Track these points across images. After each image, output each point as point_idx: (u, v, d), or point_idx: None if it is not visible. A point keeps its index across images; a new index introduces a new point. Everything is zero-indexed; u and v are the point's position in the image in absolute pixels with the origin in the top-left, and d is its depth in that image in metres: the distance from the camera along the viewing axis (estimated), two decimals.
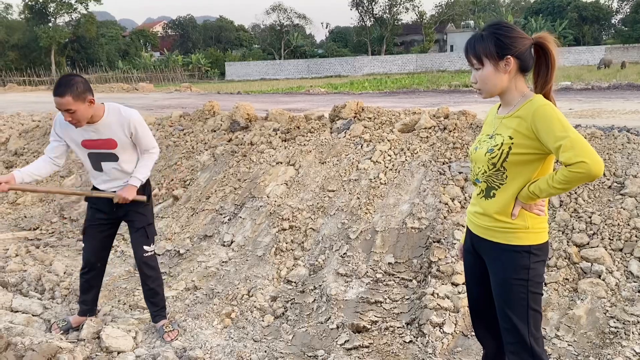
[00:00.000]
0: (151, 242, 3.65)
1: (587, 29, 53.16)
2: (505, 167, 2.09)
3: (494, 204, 2.15)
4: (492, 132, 2.17)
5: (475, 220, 2.27)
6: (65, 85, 3.11)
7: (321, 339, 3.57)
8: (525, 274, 2.10)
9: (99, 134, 3.36)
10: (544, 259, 2.16)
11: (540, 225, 2.13)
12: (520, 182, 2.10)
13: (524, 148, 2.04)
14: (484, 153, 2.15)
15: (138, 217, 3.60)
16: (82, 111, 3.17)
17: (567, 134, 1.91)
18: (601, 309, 3.39)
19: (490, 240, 2.19)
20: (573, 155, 1.89)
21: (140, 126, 3.42)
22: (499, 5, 67.37)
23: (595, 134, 4.59)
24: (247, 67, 48.94)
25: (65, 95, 3.09)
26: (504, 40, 2.04)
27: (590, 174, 1.89)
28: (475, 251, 2.33)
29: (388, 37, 54.99)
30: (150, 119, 8.36)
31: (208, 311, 4.05)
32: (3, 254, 5.43)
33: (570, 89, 13.74)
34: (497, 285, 2.19)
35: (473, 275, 2.40)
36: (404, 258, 4.20)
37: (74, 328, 3.72)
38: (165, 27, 70.34)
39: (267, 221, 5.07)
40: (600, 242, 3.79)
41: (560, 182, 1.96)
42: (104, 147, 3.40)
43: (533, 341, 2.15)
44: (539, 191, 2.03)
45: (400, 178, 4.96)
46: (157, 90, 21.75)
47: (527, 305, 2.12)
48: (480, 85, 2.13)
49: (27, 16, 49.84)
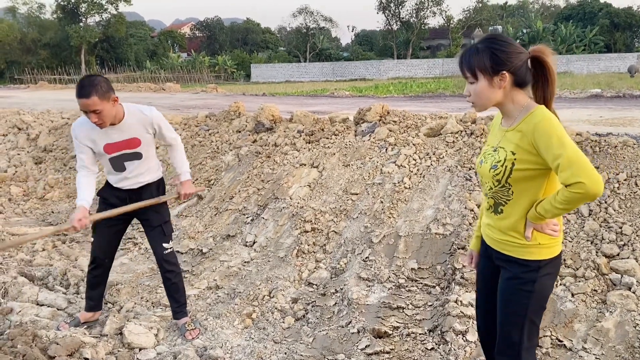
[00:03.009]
0: (169, 239, 3.67)
1: (619, 36, 52.04)
2: (510, 184, 2.07)
3: (503, 221, 2.15)
4: (496, 145, 2.15)
5: (488, 232, 2.27)
6: (90, 85, 3.12)
7: (342, 343, 3.54)
8: (531, 286, 2.11)
9: (122, 134, 3.37)
10: (553, 272, 2.16)
11: (553, 240, 2.11)
12: (527, 197, 2.07)
13: (527, 163, 2.01)
14: (488, 169, 2.13)
15: (154, 216, 3.61)
16: (108, 110, 3.19)
17: (564, 151, 1.87)
18: (631, 322, 3.30)
19: (502, 252, 2.20)
20: (570, 175, 1.86)
21: (162, 121, 3.52)
22: (528, 10, 66.46)
23: (627, 142, 4.47)
24: (273, 69, 49.15)
25: (91, 95, 3.09)
26: (499, 55, 2.00)
27: (589, 194, 1.85)
28: (489, 257, 2.33)
29: (414, 41, 54.68)
30: (177, 119, 8.44)
31: (229, 311, 4.05)
32: (30, 248, 5.53)
33: (600, 97, 13.46)
34: (502, 291, 2.22)
35: (485, 278, 2.41)
36: (427, 264, 4.14)
37: (83, 324, 3.75)
38: (192, 28, 71.06)
39: (289, 223, 5.06)
40: (631, 253, 3.69)
41: (562, 202, 1.93)
42: (128, 148, 3.41)
43: (524, 350, 2.18)
44: (544, 212, 2.00)
45: (425, 183, 4.90)
46: (184, 90, 21.99)
47: (525, 315, 2.14)
48: (474, 99, 2.10)
49: (59, 16, 50.91)
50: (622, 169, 4.17)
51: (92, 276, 3.74)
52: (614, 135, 5.00)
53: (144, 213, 3.61)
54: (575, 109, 9.62)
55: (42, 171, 8.35)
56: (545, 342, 3.29)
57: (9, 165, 8.60)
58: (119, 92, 15.46)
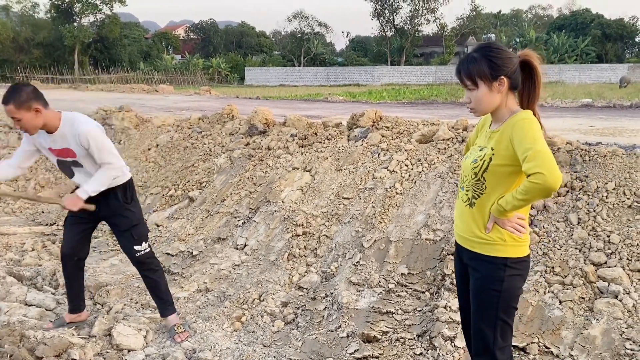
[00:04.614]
0: (142, 242, 3.62)
1: (611, 47, 52.54)
2: (485, 178, 2.17)
3: (473, 214, 2.24)
4: (483, 145, 2.25)
5: (457, 229, 2.36)
6: (10, 93, 3.16)
7: (331, 347, 3.55)
8: (499, 285, 2.18)
9: (57, 144, 3.37)
10: (521, 273, 2.23)
11: (519, 239, 2.18)
12: (499, 193, 2.17)
13: (502, 159, 2.12)
14: (469, 162, 2.23)
15: (121, 220, 3.57)
16: (28, 120, 3.19)
17: (534, 146, 1.97)
18: (617, 330, 3.33)
19: (470, 250, 2.28)
20: (533, 166, 1.95)
21: (94, 140, 3.29)
22: (521, 19, 66.99)
23: (616, 152, 4.52)
24: (267, 72, 49.18)
25: (8, 103, 3.15)
26: (496, 61, 2.11)
27: (546, 185, 1.93)
28: (461, 259, 2.40)
29: (408, 48, 54.89)
30: (169, 121, 8.43)
31: (219, 314, 4.05)
32: (20, 247, 5.50)
33: (591, 107, 13.59)
34: (472, 292, 2.29)
35: (461, 282, 2.48)
36: (417, 269, 4.16)
37: (69, 324, 3.73)
38: (187, 30, 71.01)
39: (281, 226, 5.07)
40: (618, 261, 3.72)
41: (521, 192, 2.02)
42: (67, 156, 3.41)
43: (497, 350, 2.24)
44: (505, 203, 2.09)
45: (416, 188, 4.93)
46: (177, 92, 21.93)
47: (495, 315, 2.21)
48: (475, 105, 2.19)
49: (53, 15, 50.68)
50: (611, 178, 4.21)
51: (65, 275, 3.73)
52: (604, 145, 5.05)
53: (112, 217, 3.58)
54: (566, 118, 9.71)
55: (33, 170, 8.30)
56: (532, 349, 3.31)
57: None
58: (111, 93, 15.32)
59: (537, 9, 75.15)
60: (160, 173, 6.97)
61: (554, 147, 4.68)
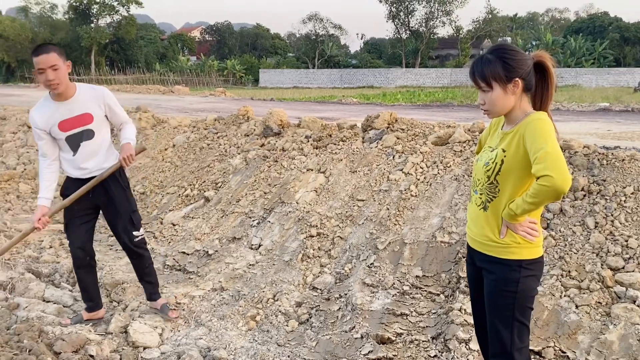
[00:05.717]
0: (139, 227, 3.76)
1: (629, 50, 51.89)
2: (497, 181, 2.16)
3: (487, 217, 2.23)
4: (495, 147, 2.23)
5: (470, 233, 2.35)
6: (48, 44, 3.36)
7: (344, 348, 3.56)
8: (514, 286, 2.17)
9: (73, 110, 3.41)
10: (536, 274, 2.22)
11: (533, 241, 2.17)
12: (511, 196, 2.15)
13: (514, 161, 2.11)
14: (482, 165, 2.22)
15: (123, 206, 3.64)
16: (64, 71, 3.32)
17: (545, 146, 1.96)
18: (635, 335, 3.29)
19: (484, 253, 2.26)
20: (542, 168, 1.93)
21: (113, 99, 3.57)
22: (538, 23, 66.47)
23: (635, 156, 4.48)
24: (281, 74, 49.31)
25: (50, 51, 3.26)
26: (511, 63, 2.10)
27: (555, 188, 1.92)
28: (473, 262, 2.39)
29: (423, 50, 54.72)
30: (185, 121, 8.51)
31: (233, 312, 4.08)
32: (38, 245, 5.58)
33: (609, 111, 13.44)
34: (487, 294, 2.28)
35: (474, 284, 2.46)
36: (432, 272, 4.16)
37: (86, 321, 3.78)
38: (202, 32, 71.47)
39: (295, 227, 5.09)
40: (636, 266, 3.68)
41: (530, 195, 2.01)
42: (80, 125, 3.44)
43: (515, 351, 2.23)
44: (515, 207, 2.08)
45: (431, 191, 4.92)
46: (193, 93, 22.11)
47: (512, 316, 2.20)
48: (489, 107, 2.18)
49: (71, 16, 51.37)
50: (629, 182, 4.17)
51: (79, 277, 3.78)
52: (622, 149, 5.00)
53: (113, 203, 3.62)
54: (583, 122, 9.62)
55: None
56: (548, 353, 3.29)
57: (18, 163, 8.67)
58: (128, 93, 15.55)
59: (553, 12, 74.52)
60: (176, 173, 7.03)
61: (571, 151, 4.64)
